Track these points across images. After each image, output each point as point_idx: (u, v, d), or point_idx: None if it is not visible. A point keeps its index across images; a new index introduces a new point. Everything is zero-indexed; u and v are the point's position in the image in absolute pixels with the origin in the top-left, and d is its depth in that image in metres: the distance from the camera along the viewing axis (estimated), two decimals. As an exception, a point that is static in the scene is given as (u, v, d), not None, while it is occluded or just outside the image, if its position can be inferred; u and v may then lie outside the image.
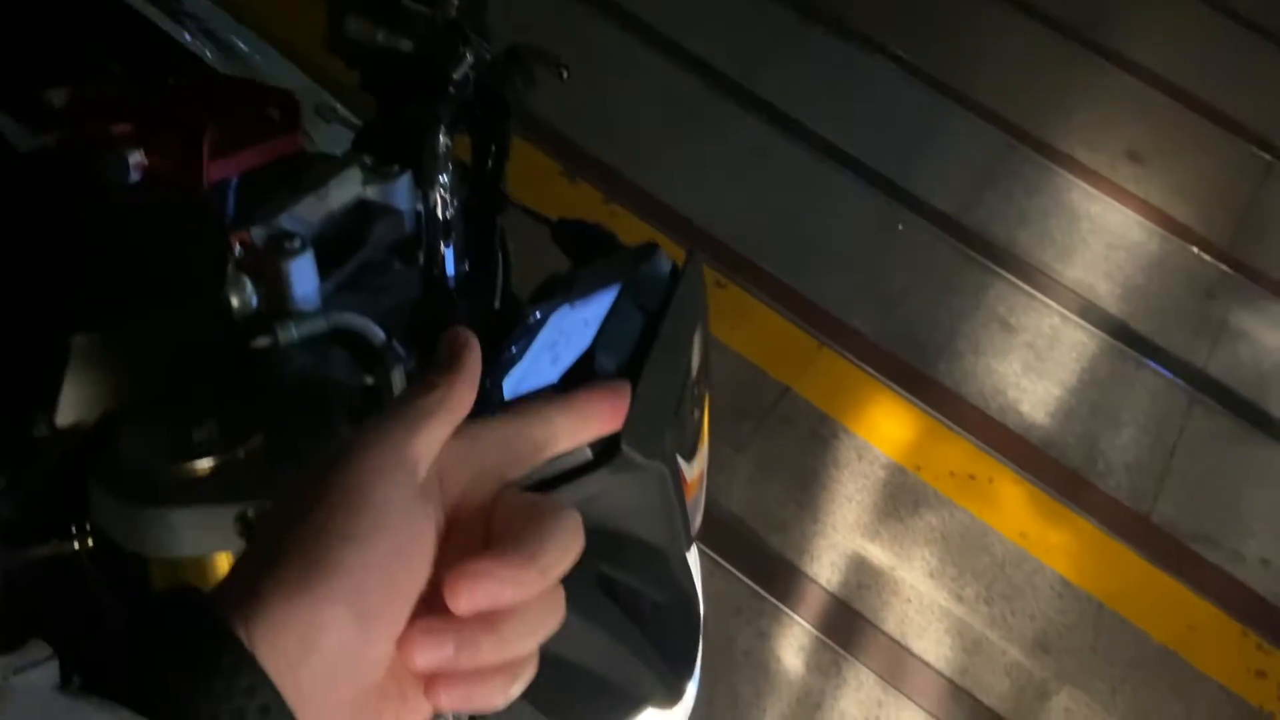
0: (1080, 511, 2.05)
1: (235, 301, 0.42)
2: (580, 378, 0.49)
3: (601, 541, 0.57)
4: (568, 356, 0.52)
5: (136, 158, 0.44)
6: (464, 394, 0.39)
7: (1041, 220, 2.62)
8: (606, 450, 0.48)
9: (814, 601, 1.83)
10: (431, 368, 0.39)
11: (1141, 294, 2.51)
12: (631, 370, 0.50)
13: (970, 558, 1.95)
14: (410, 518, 0.35)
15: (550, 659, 0.56)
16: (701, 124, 2.55)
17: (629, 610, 0.60)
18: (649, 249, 0.61)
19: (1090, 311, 2.43)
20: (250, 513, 0.44)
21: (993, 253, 2.48)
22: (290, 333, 0.44)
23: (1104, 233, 2.64)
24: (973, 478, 2.06)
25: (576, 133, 2.38)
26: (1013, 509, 2.03)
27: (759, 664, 1.74)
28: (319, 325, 0.46)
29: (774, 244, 2.32)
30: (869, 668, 1.77)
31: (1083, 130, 2.89)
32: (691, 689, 0.64)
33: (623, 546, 0.58)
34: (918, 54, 2.88)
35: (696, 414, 0.58)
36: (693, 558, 0.70)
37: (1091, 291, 2.48)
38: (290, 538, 0.32)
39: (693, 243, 2.26)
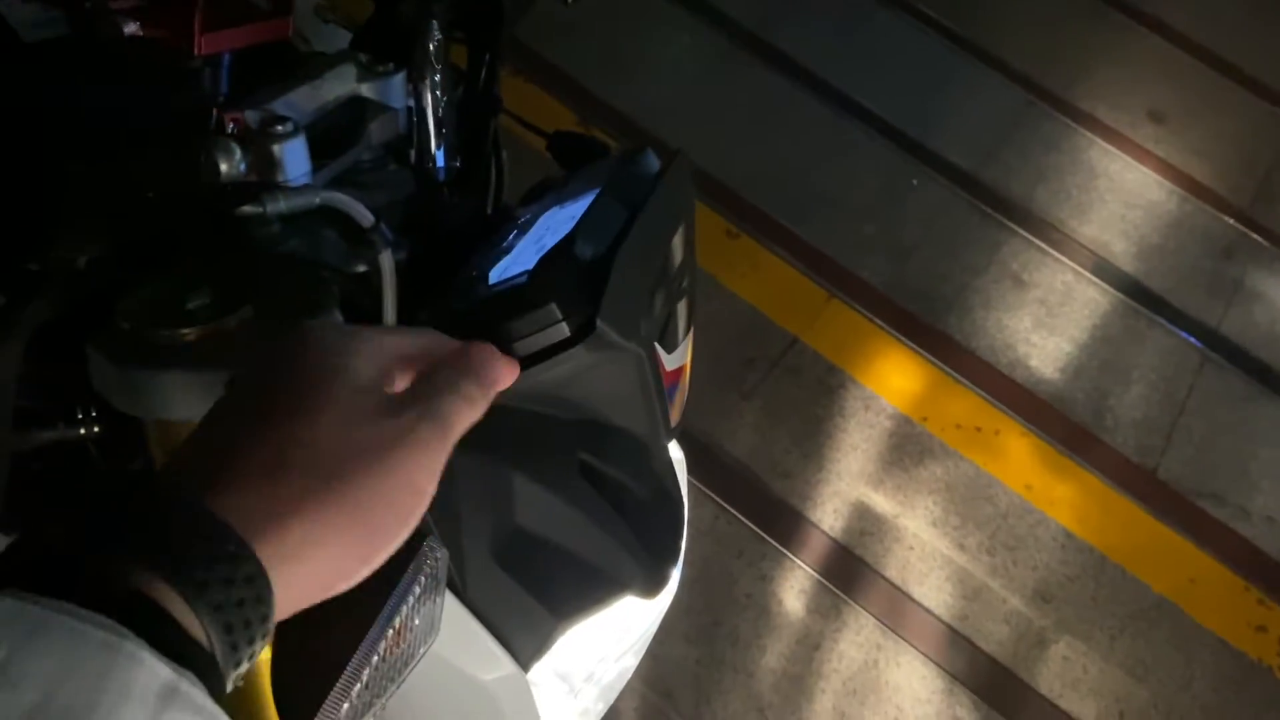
0: (1086, 466, 2.06)
1: (224, 166, 0.44)
2: (556, 260, 0.51)
3: (583, 429, 0.59)
4: (551, 246, 0.54)
5: (132, 27, 0.46)
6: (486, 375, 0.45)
7: (1058, 177, 2.60)
8: (583, 328, 0.50)
9: (816, 546, 1.85)
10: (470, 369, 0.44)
11: (1157, 253, 2.50)
12: (610, 257, 0.52)
13: (974, 508, 1.96)
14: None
15: (535, 538, 0.59)
16: (715, 73, 2.55)
17: (613, 500, 0.62)
18: (636, 150, 0.63)
19: (1105, 269, 2.42)
20: (235, 378, 0.46)
21: (1007, 209, 2.47)
22: (278, 204, 0.46)
23: (1122, 191, 2.62)
24: (979, 430, 2.07)
25: (593, 82, 2.38)
26: (1018, 462, 2.04)
27: (760, 606, 1.77)
28: (307, 200, 0.47)
29: (785, 195, 2.32)
30: (869, 612, 1.79)
31: (1104, 88, 2.85)
32: (673, 583, 0.66)
33: (604, 436, 0.60)
34: (936, 7, 2.85)
35: (680, 308, 0.60)
36: (678, 458, 0.72)
37: (1107, 249, 2.47)
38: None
39: (705, 192, 2.26)
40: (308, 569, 0.35)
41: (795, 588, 1.79)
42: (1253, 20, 3.20)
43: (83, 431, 0.64)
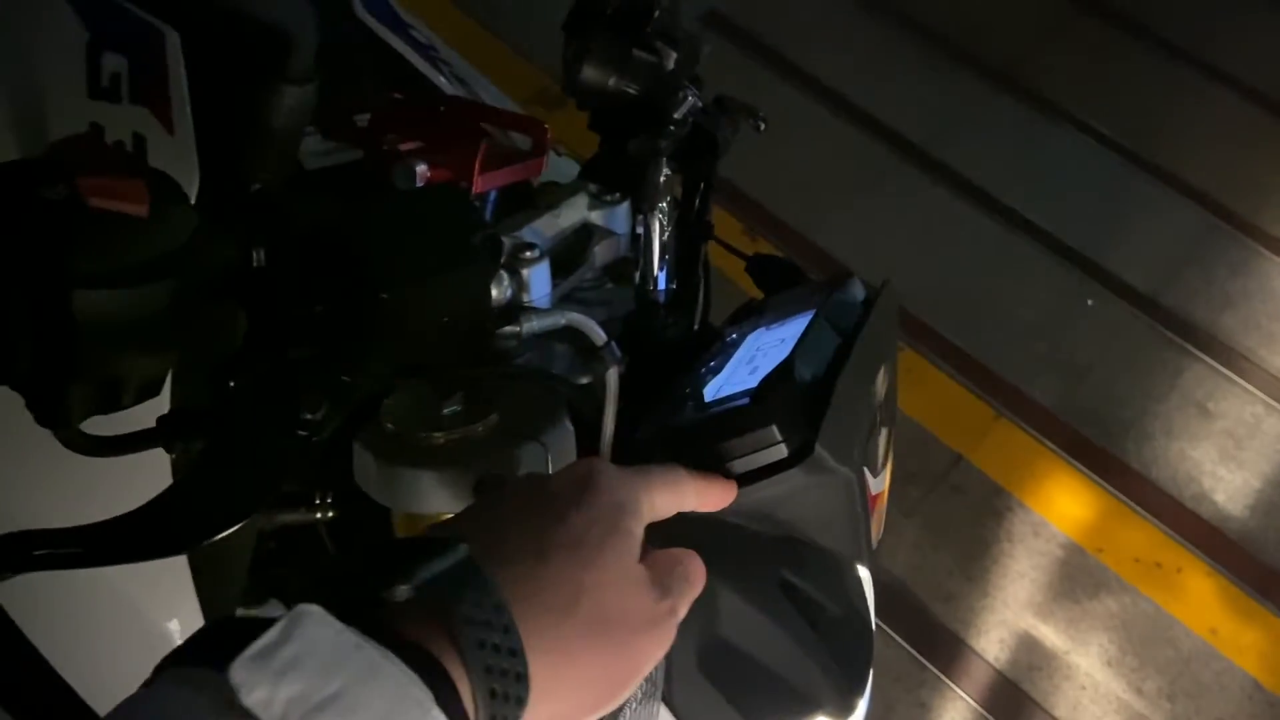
0: (1278, 611, 1.91)
1: (495, 291, 0.49)
2: (776, 383, 0.54)
3: (786, 547, 0.61)
4: (765, 368, 0.57)
5: (422, 168, 0.52)
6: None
7: (1246, 304, 2.48)
8: (801, 450, 0.52)
9: (979, 677, 1.77)
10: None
11: (1357, 387, 2.34)
12: (826, 381, 0.54)
13: (1153, 649, 1.84)
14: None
15: (736, 650, 0.60)
16: (883, 189, 2.57)
17: (809, 618, 0.64)
18: (844, 276, 0.66)
19: (1298, 402, 2.28)
20: (485, 479, 0.51)
21: (1190, 334, 2.37)
22: (532, 324, 0.51)
23: (1316, 320, 2.47)
24: (1159, 566, 1.95)
25: (761, 193, 2.45)
26: (1202, 602, 1.91)
27: (918, 734, 1.70)
28: (554, 321, 0.52)
29: (953, 310, 2.30)
30: (1035, 752, 1.70)
31: (1294, 212, 2.73)
32: (862, 705, 0.66)
33: (806, 555, 0.61)
34: (1112, 125, 2.81)
35: (884, 435, 0.61)
36: (867, 580, 0.72)
37: (1300, 381, 2.33)
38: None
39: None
40: (551, 709, 0.38)
41: (955, 719, 1.72)
42: None
43: (319, 516, 0.70)
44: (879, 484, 0.62)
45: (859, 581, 0.70)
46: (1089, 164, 2.75)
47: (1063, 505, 2.01)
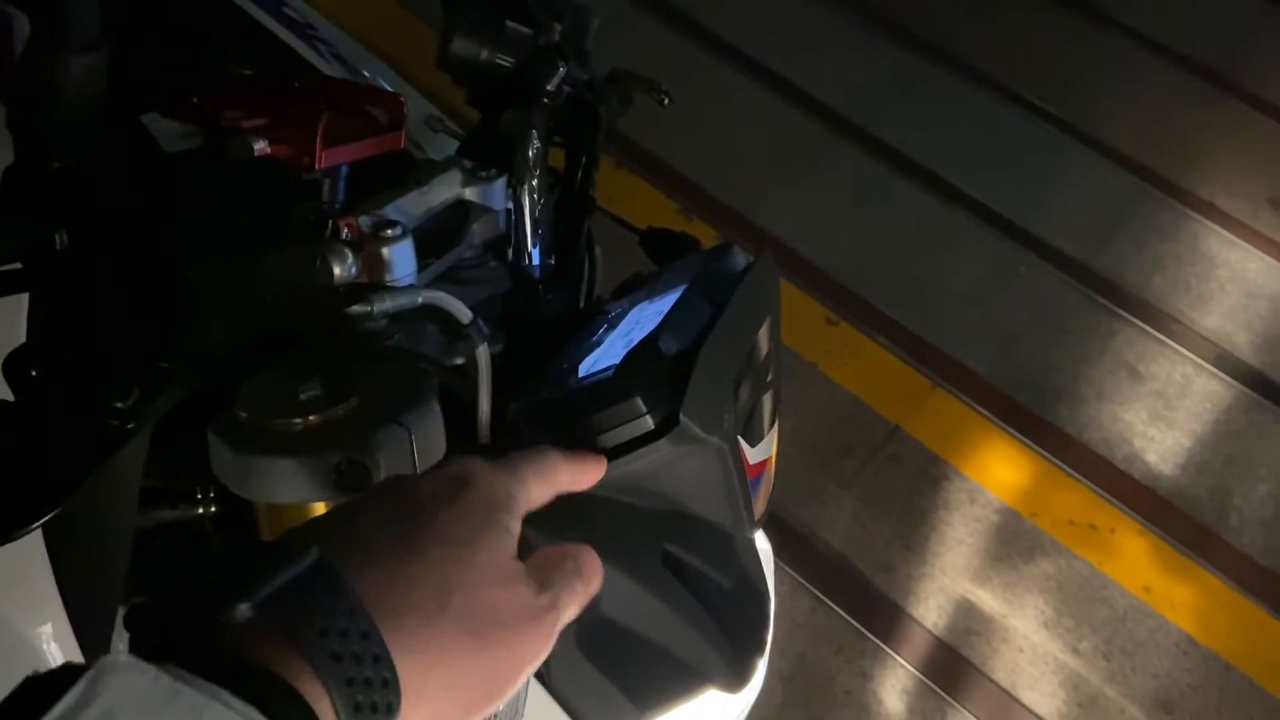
0: (1210, 568, 1.95)
1: (337, 269, 0.48)
2: (641, 355, 0.53)
3: (668, 520, 0.60)
4: (637, 339, 0.56)
5: (260, 145, 0.51)
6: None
7: (1176, 266, 2.53)
8: (666, 421, 0.52)
9: (919, 644, 1.79)
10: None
11: (1284, 345, 2.39)
12: (694, 352, 0.54)
13: (1089, 609, 1.87)
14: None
15: (618, 628, 0.60)
16: (817, 164, 2.58)
17: (696, 592, 0.63)
18: (722, 248, 0.65)
19: (1227, 361, 2.32)
20: (343, 464, 0.50)
21: (1121, 298, 2.41)
22: (384, 303, 0.49)
23: (1243, 281, 2.52)
24: (1093, 527, 1.99)
25: (693, 171, 2.44)
26: (1136, 561, 1.95)
27: (860, 704, 1.72)
28: (410, 300, 0.51)
29: (887, 283, 2.31)
30: (975, 715, 1.72)
31: (1222, 175, 2.78)
32: (758, 678, 0.66)
33: (687, 526, 0.61)
34: (1042, 94, 2.84)
35: (765, 400, 0.61)
36: (764, 548, 0.72)
37: (1229, 340, 2.37)
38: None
39: (805, 279, 2.28)
40: (428, 711, 0.36)
41: (896, 687, 1.74)
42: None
43: (201, 511, 0.68)
44: (760, 452, 0.62)
45: (754, 552, 0.70)
46: (1020, 133, 2.78)
47: (998, 471, 2.04)
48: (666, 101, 0.86)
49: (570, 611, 0.43)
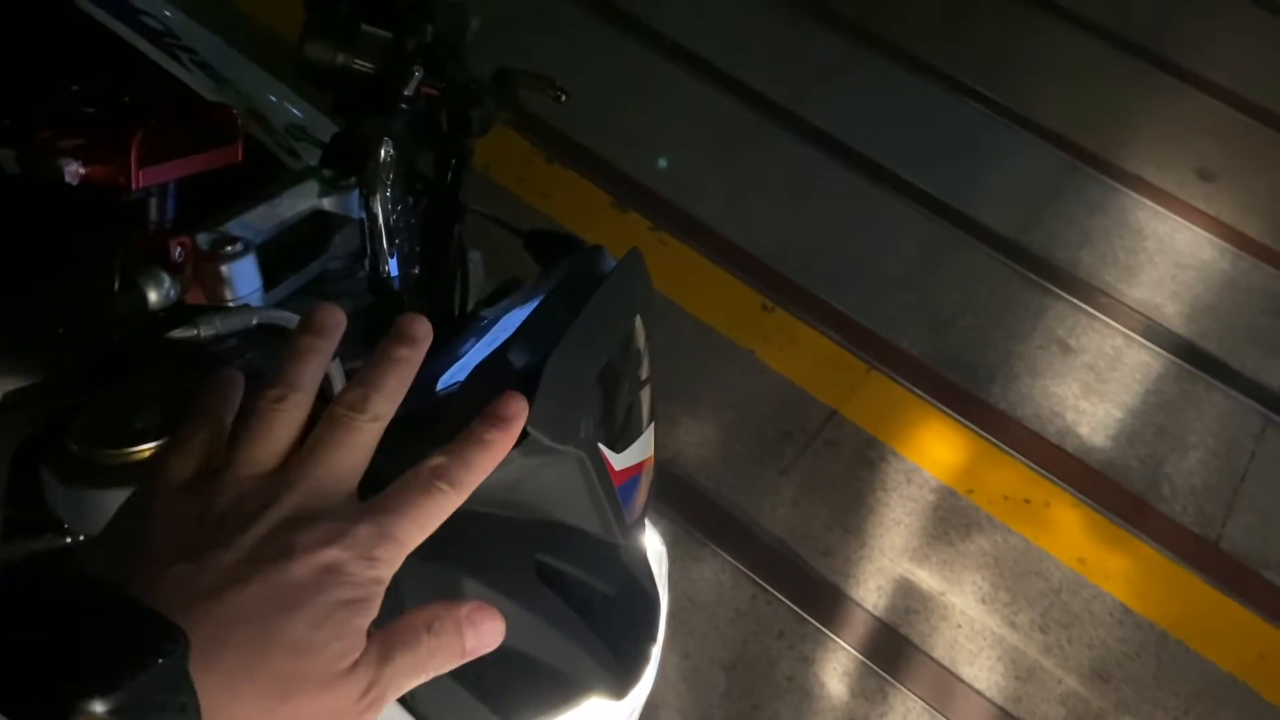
0: (1143, 537, 1.99)
1: (152, 294, 0.46)
2: (490, 368, 0.52)
3: (540, 530, 0.59)
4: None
5: (73, 167, 0.48)
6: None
7: (1105, 240, 2.56)
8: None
9: (859, 626, 1.80)
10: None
11: (1211, 314, 2.43)
12: (542, 362, 0.52)
13: (1024, 583, 1.90)
14: None
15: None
16: (748, 150, 2.58)
17: (575, 601, 0.62)
18: (591, 251, 0.64)
19: (1156, 332, 2.36)
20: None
21: (1051, 274, 2.44)
22: (213, 325, 0.48)
23: (1172, 252, 2.56)
24: (1028, 501, 2.01)
25: (629, 164, 2.43)
26: (1070, 534, 1.98)
27: (802, 689, 1.72)
28: (244, 320, 0.49)
29: (821, 267, 2.32)
30: (916, 694, 1.73)
31: (1150, 148, 2.82)
32: (644, 683, 0.65)
33: (561, 535, 0.60)
34: (969, 72, 2.86)
35: (640, 400, 0.60)
36: (659, 550, 0.71)
37: (1158, 312, 2.41)
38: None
39: (739, 266, 2.27)
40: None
41: (838, 669, 1.75)
42: (1304, 72, 3.14)
43: (69, 540, 0.66)
44: (633, 455, 0.61)
45: (641, 555, 0.69)
46: (948, 113, 2.79)
47: (934, 451, 2.05)
48: (564, 99, 0.84)
49: (412, 683, 0.43)
